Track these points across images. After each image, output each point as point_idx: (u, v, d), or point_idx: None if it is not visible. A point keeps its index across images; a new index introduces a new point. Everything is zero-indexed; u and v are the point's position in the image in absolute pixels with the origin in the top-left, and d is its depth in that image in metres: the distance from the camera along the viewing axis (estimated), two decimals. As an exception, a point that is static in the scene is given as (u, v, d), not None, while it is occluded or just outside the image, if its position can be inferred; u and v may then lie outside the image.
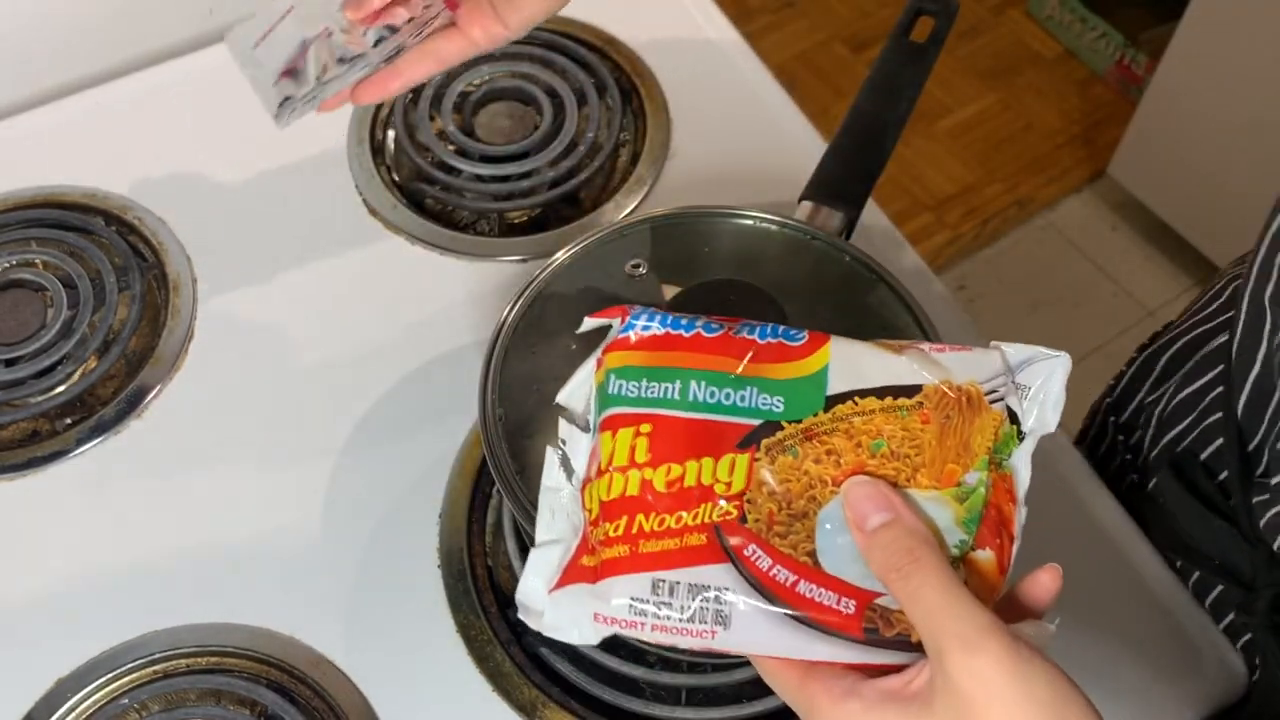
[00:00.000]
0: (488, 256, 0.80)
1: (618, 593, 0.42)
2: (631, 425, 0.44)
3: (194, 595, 0.67)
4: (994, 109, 2.12)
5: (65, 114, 0.88)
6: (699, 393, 0.44)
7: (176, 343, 0.76)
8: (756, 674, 0.63)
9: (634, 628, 0.42)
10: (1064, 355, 0.44)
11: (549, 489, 0.47)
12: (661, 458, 0.43)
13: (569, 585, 0.44)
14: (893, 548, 0.40)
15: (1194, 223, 1.84)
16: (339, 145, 0.86)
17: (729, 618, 0.42)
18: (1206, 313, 0.70)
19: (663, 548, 0.42)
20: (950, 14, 0.72)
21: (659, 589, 0.42)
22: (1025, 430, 0.44)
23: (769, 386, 0.44)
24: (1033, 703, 0.37)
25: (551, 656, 0.65)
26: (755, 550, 0.42)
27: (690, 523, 0.43)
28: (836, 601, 0.41)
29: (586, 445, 0.46)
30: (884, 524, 0.41)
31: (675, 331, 0.46)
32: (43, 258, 0.79)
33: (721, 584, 0.42)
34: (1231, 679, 0.66)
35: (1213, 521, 0.63)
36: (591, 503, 0.45)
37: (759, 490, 0.43)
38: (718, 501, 0.43)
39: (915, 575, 0.39)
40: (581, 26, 0.92)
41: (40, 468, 0.71)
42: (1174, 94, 1.75)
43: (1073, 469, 0.73)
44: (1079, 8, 2.12)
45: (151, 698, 0.63)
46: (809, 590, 0.42)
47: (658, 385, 0.45)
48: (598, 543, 0.44)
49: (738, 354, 0.45)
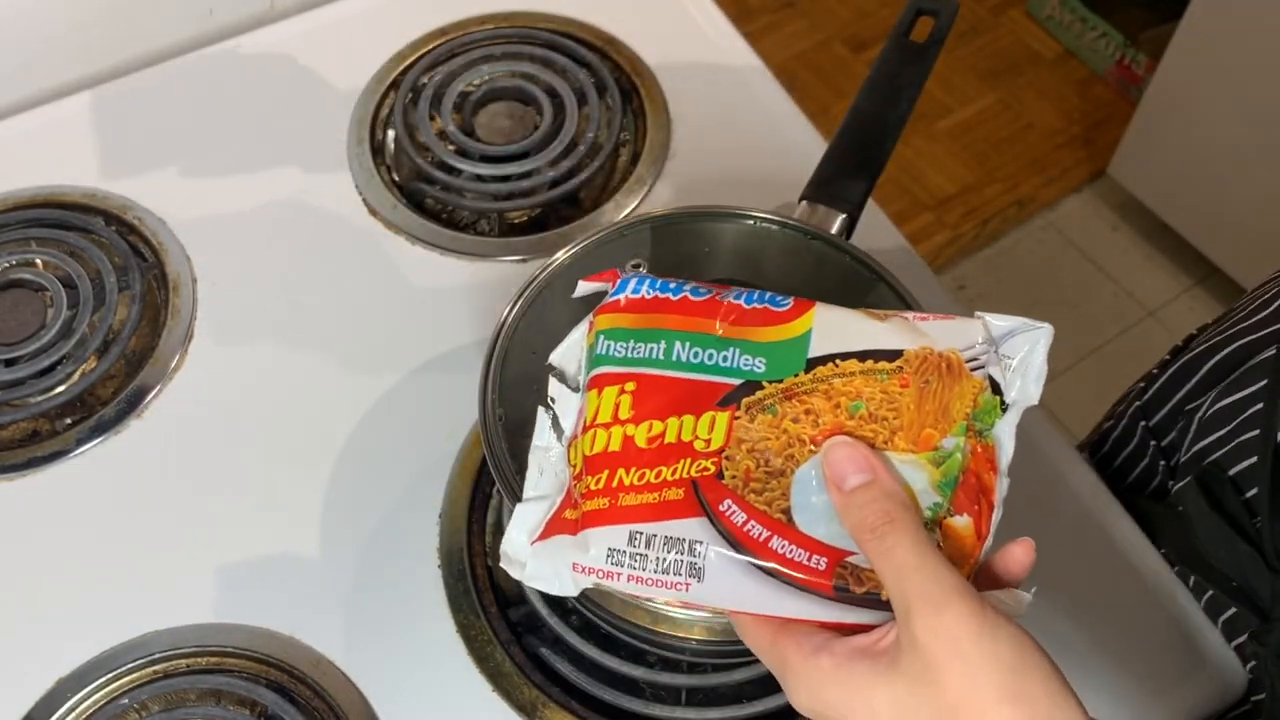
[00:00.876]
0: (488, 256, 0.80)
1: (596, 543, 0.44)
2: (617, 384, 0.46)
3: (194, 595, 0.67)
4: (994, 109, 2.12)
5: (65, 114, 0.88)
6: (683, 353, 0.46)
7: (176, 343, 0.76)
8: (757, 674, 0.64)
9: (611, 578, 0.43)
10: (1047, 327, 0.44)
11: (539, 448, 0.48)
12: (644, 414, 0.45)
13: (551, 537, 0.45)
14: (869, 508, 0.41)
15: (1194, 223, 1.84)
16: (339, 145, 0.86)
17: (702, 570, 0.43)
18: (1255, 320, 0.68)
19: (641, 501, 0.44)
20: (950, 14, 0.72)
21: (636, 540, 0.43)
22: (1008, 401, 0.44)
23: (751, 348, 0.46)
24: (996, 663, 0.37)
25: (551, 656, 0.65)
26: (731, 505, 0.43)
27: (669, 478, 0.44)
28: (808, 558, 0.42)
29: (575, 404, 0.48)
30: (862, 484, 0.41)
31: (663, 295, 0.47)
32: (43, 258, 0.79)
33: (696, 537, 0.43)
34: (1231, 680, 0.66)
35: (1236, 543, 0.62)
36: (576, 458, 0.46)
37: (737, 447, 0.44)
38: (697, 458, 0.44)
39: (889, 536, 0.40)
40: (582, 26, 0.92)
41: (40, 468, 0.71)
42: (1174, 94, 1.75)
43: (1074, 471, 0.73)
44: (1079, 8, 2.12)
45: (151, 698, 0.63)
46: (782, 546, 0.42)
47: (644, 345, 0.46)
48: (580, 496, 0.45)
49: (723, 317, 0.46)
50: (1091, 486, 0.72)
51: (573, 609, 0.65)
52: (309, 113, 0.88)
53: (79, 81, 0.91)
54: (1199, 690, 0.66)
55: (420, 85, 0.88)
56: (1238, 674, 0.66)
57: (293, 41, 0.92)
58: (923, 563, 0.39)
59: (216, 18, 0.95)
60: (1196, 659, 0.67)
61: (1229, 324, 0.71)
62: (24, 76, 0.90)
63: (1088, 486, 0.72)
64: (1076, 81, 2.16)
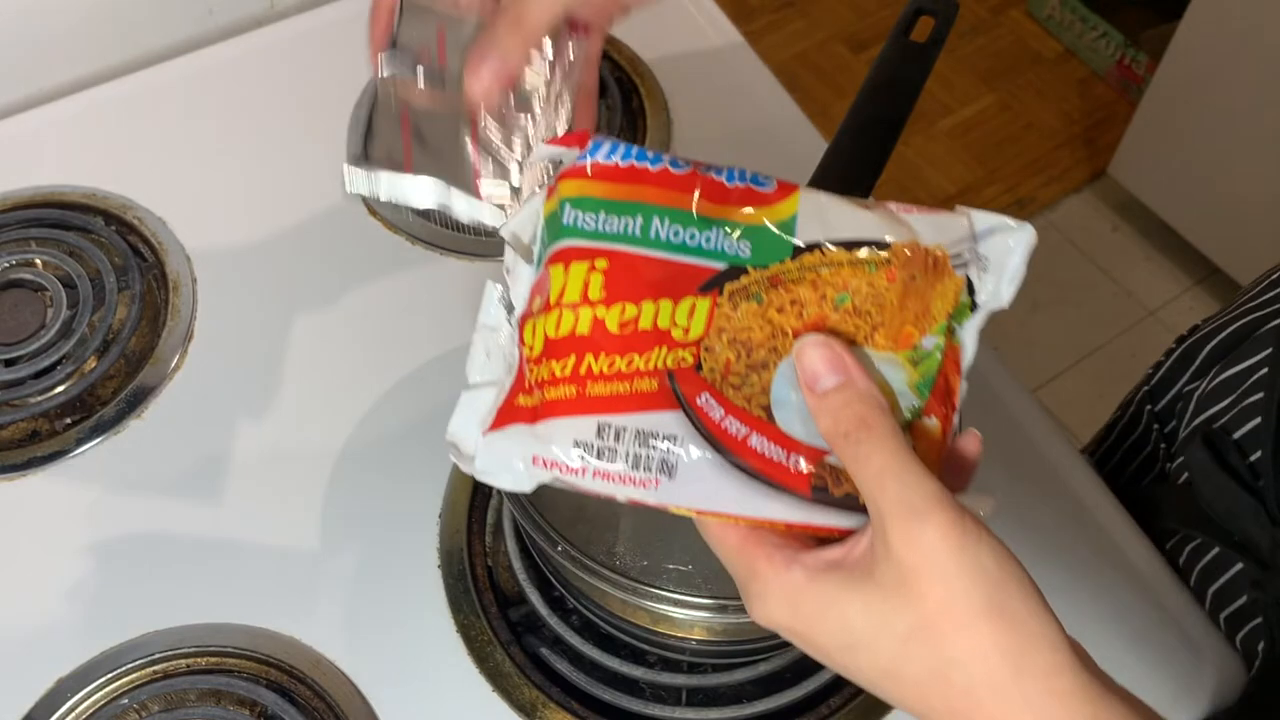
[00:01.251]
0: (488, 256, 0.80)
1: (560, 436, 0.40)
2: (586, 260, 0.41)
3: (194, 595, 0.67)
4: (994, 109, 2.12)
5: (65, 114, 0.88)
6: (661, 230, 0.42)
7: (176, 343, 0.76)
8: (757, 674, 0.64)
9: (575, 474, 0.41)
10: (1028, 227, 0.42)
11: (486, 327, 0.45)
12: (616, 296, 0.41)
13: (505, 427, 0.42)
14: (844, 412, 0.39)
15: (1194, 222, 1.84)
16: (339, 145, 0.86)
17: (674, 467, 0.40)
18: (1260, 300, 0.70)
19: (611, 391, 0.40)
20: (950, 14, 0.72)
21: (604, 433, 0.40)
22: (979, 301, 0.42)
23: (736, 230, 0.42)
24: (977, 576, 0.36)
25: (551, 656, 0.65)
26: (708, 399, 0.40)
27: (642, 367, 0.41)
28: (786, 457, 0.40)
29: (529, 279, 0.43)
30: (836, 386, 0.39)
31: (640, 164, 0.42)
32: (42, 257, 0.79)
33: (670, 432, 0.40)
34: (1230, 679, 0.66)
35: (1240, 497, 0.62)
36: (534, 339, 0.42)
37: (718, 337, 0.41)
38: (674, 347, 0.41)
39: (864, 441, 0.38)
40: (581, 26, 0.92)
41: (40, 468, 0.71)
42: (1174, 94, 1.75)
43: (1072, 469, 0.73)
44: (1079, 7, 2.12)
45: (151, 698, 0.63)
46: (760, 444, 0.40)
47: (617, 219, 0.42)
48: (538, 382, 0.41)
49: (705, 194, 0.42)
50: (1092, 486, 0.72)
51: (573, 609, 0.65)
52: (309, 113, 0.88)
53: (79, 81, 0.91)
54: (1199, 690, 0.66)
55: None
56: (1238, 674, 0.66)
57: (293, 41, 0.92)
58: (901, 469, 0.37)
59: (216, 17, 0.95)
60: (1196, 659, 0.67)
61: (1232, 309, 0.72)
62: (24, 76, 0.90)
63: (1088, 487, 0.72)
64: (1077, 81, 2.16)
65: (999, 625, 0.36)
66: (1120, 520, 0.71)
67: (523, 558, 0.67)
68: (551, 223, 0.43)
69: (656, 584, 0.53)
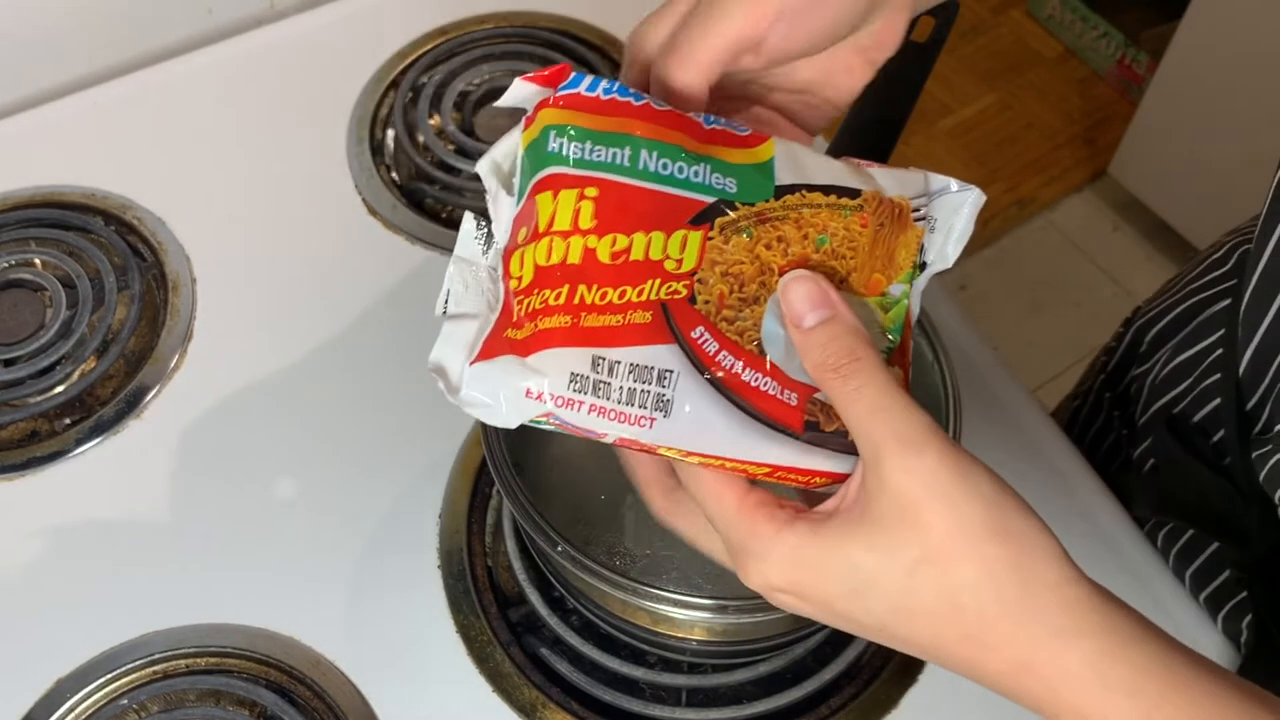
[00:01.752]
0: (488, 256, 0.80)
1: (556, 366, 0.39)
2: (575, 187, 0.40)
3: (194, 595, 0.67)
4: (994, 109, 2.12)
5: (65, 114, 0.88)
6: (650, 162, 0.41)
7: (176, 343, 0.76)
8: (757, 675, 0.64)
9: (570, 407, 0.39)
10: (976, 190, 0.43)
11: (462, 259, 0.43)
12: (608, 226, 0.40)
13: (495, 358, 0.40)
14: (832, 346, 0.38)
15: (1195, 222, 1.84)
16: (339, 145, 0.86)
17: (670, 404, 0.39)
18: (1203, 281, 0.70)
19: (604, 323, 0.39)
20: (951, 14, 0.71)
21: (599, 366, 0.39)
22: (926, 260, 0.43)
23: (721, 167, 0.41)
24: (975, 498, 0.36)
25: (551, 657, 0.65)
26: (703, 333, 0.39)
27: (635, 299, 0.39)
28: (780, 392, 0.39)
29: (511, 210, 0.42)
30: (823, 321, 0.39)
31: (623, 98, 0.42)
32: (42, 257, 0.79)
33: (667, 366, 0.39)
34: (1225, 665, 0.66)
35: (1209, 478, 0.63)
36: (522, 269, 0.40)
37: (711, 270, 0.40)
38: (667, 279, 0.40)
39: (856, 375, 0.38)
40: (582, 26, 0.92)
41: (40, 468, 0.71)
42: (1175, 93, 1.75)
43: (1071, 468, 0.73)
44: (1080, 7, 2.12)
45: (151, 698, 0.63)
46: (755, 379, 0.39)
47: (604, 150, 0.41)
48: (530, 312, 0.40)
49: (687, 130, 0.42)
50: (1092, 486, 0.72)
51: (573, 609, 0.65)
52: (309, 112, 0.88)
53: (79, 81, 0.91)
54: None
55: (420, 85, 0.88)
56: (1232, 660, 0.66)
57: (293, 41, 0.92)
58: (893, 402, 0.37)
59: (216, 17, 0.95)
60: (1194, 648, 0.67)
61: (1175, 290, 0.73)
62: (24, 76, 0.90)
63: (1088, 486, 0.72)
64: (1077, 81, 2.16)
65: (1004, 544, 0.36)
66: (1121, 519, 0.71)
67: (523, 558, 0.67)
68: (534, 151, 0.41)
69: (656, 584, 0.53)
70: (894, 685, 0.65)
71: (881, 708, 0.64)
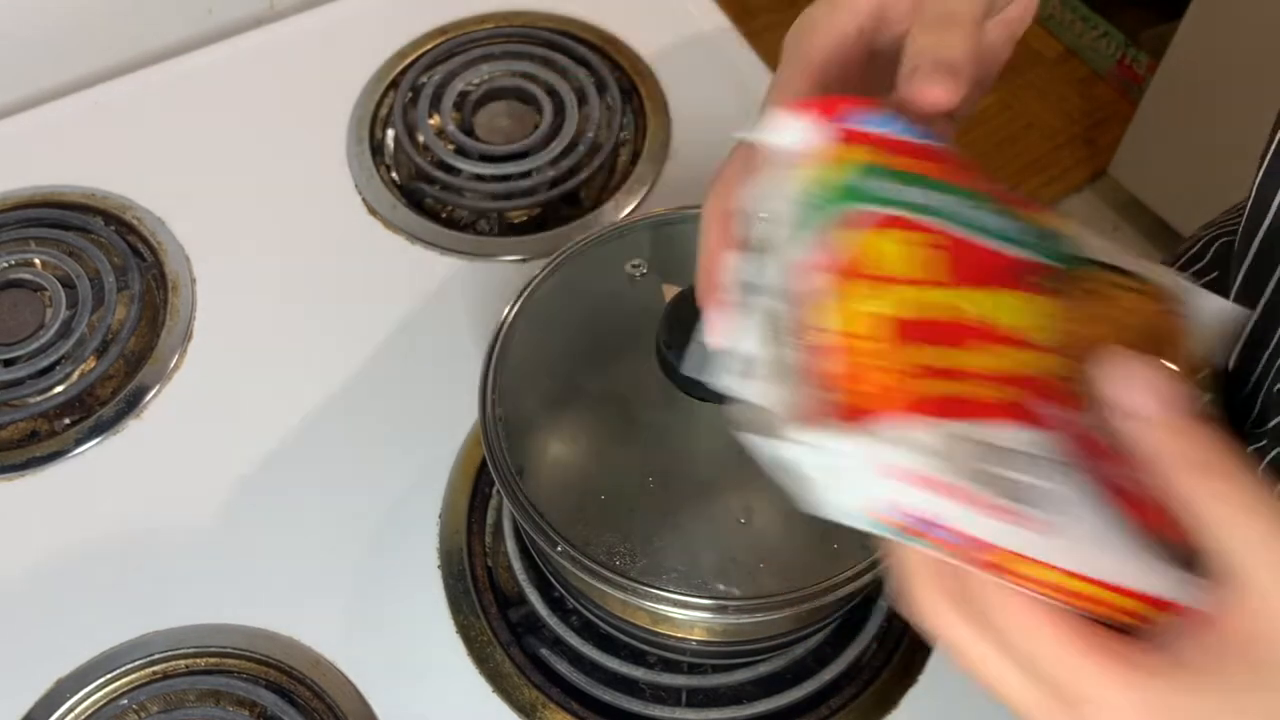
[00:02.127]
0: (488, 256, 0.80)
1: (913, 440, 0.30)
2: (907, 230, 0.33)
3: (194, 595, 0.67)
4: (994, 109, 2.12)
5: (65, 114, 0.88)
6: (971, 214, 0.34)
7: (175, 343, 0.76)
8: (757, 675, 0.64)
9: (955, 497, 0.30)
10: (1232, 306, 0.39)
11: (754, 293, 0.35)
12: (960, 279, 0.33)
13: (830, 424, 0.31)
14: (1184, 438, 0.31)
15: (1195, 223, 1.82)
16: (339, 145, 0.86)
17: (1064, 507, 0.31)
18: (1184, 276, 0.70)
19: (972, 393, 0.32)
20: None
21: (973, 445, 0.31)
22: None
23: (1029, 226, 0.35)
24: None
25: (551, 657, 0.65)
26: (1089, 420, 0.32)
27: (999, 372, 0.32)
28: (1154, 500, 0.31)
29: (797, 252, 0.34)
30: (1169, 409, 0.31)
31: (911, 140, 0.36)
32: (41, 257, 0.78)
33: (1054, 456, 0.32)
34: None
35: None
36: (854, 322, 0.32)
37: (1071, 345, 0.34)
38: (1038, 353, 0.33)
39: (1218, 478, 0.30)
40: (582, 25, 0.92)
41: (40, 468, 0.71)
42: (1175, 94, 1.75)
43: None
44: (1080, 7, 2.12)
45: (151, 698, 0.63)
46: (1134, 484, 0.31)
47: (920, 192, 0.34)
48: (891, 370, 0.32)
49: (980, 178, 0.36)
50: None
51: (573, 609, 0.65)
52: (309, 112, 0.88)
53: (79, 81, 0.91)
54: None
55: (420, 84, 0.88)
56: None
57: (292, 41, 0.92)
58: (1255, 504, 0.30)
59: (216, 17, 0.95)
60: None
61: None
62: (24, 76, 0.90)
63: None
64: (1077, 81, 2.16)
65: None
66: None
67: (523, 558, 0.67)
68: (830, 187, 0.34)
69: (656, 584, 0.53)
70: (894, 685, 0.65)
71: (881, 708, 0.64)
